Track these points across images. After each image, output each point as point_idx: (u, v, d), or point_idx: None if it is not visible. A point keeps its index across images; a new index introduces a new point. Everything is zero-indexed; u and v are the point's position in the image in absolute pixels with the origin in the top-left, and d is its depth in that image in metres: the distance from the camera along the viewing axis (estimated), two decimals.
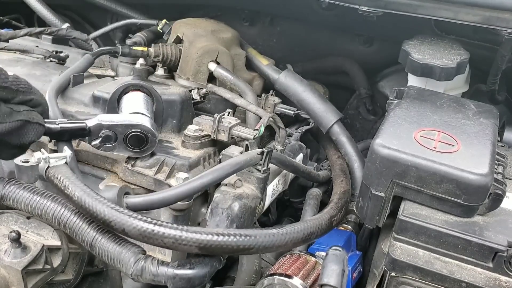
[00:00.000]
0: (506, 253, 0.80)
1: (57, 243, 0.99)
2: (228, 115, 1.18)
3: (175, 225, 0.81)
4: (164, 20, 1.54)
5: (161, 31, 1.54)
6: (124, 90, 1.11)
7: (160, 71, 1.38)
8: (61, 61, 1.38)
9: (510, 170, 1.03)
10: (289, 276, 0.94)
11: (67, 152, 0.92)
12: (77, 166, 0.95)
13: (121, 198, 0.86)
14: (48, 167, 0.87)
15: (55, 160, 0.88)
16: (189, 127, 1.14)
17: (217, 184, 1.05)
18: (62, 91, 1.13)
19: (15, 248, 0.91)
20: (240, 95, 1.32)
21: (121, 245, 0.85)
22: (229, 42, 1.42)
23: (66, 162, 0.90)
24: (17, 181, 0.91)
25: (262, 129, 1.14)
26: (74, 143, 1.08)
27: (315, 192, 1.25)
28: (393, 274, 0.85)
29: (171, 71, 1.40)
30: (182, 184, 0.90)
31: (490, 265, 0.82)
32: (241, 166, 0.96)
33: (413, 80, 1.28)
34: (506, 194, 0.87)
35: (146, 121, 1.01)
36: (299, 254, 1.03)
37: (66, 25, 1.60)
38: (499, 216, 0.88)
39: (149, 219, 0.81)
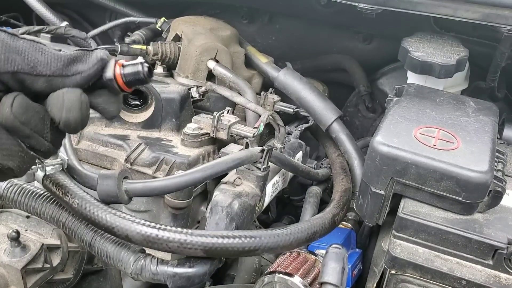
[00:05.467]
0: (506, 250, 0.80)
1: (57, 242, 0.99)
2: (227, 113, 1.18)
3: (179, 229, 0.81)
4: (163, 18, 1.53)
5: (160, 29, 1.53)
6: None
7: (159, 69, 1.38)
8: None
9: (510, 167, 1.02)
10: (289, 274, 0.94)
11: (62, 158, 0.91)
12: (79, 162, 0.94)
13: (121, 182, 0.84)
14: (45, 175, 0.86)
15: (51, 167, 0.86)
16: (188, 125, 1.13)
17: (216, 182, 1.05)
18: None
19: (15, 247, 0.91)
20: (239, 93, 1.31)
21: (120, 244, 0.85)
22: (228, 40, 1.42)
23: (62, 168, 0.89)
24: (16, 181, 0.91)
25: (262, 127, 1.14)
26: (74, 141, 1.08)
27: (315, 190, 1.24)
28: (393, 271, 0.85)
29: (170, 69, 1.39)
30: (184, 173, 0.89)
31: (490, 262, 0.81)
32: (242, 161, 0.96)
33: (412, 78, 1.28)
34: (506, 191, 0.87)
35: None
36: (298, 252, 1.03)
37: (65, 23, 1.59)
38: (499, 214, 0.88)
39: (152, 224, 0.81)
